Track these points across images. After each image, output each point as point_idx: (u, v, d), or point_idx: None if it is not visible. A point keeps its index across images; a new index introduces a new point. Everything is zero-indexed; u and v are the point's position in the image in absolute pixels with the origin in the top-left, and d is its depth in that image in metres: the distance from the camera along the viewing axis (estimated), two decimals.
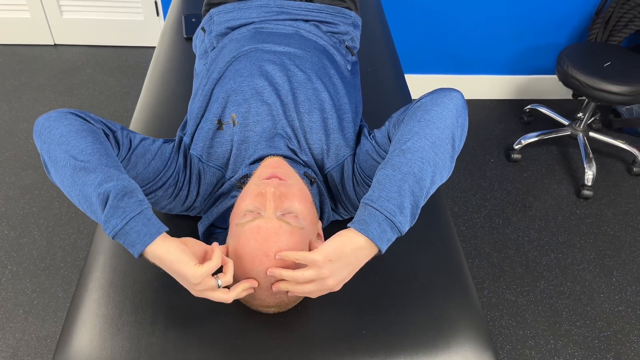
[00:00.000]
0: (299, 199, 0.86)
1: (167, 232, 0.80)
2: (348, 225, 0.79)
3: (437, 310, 0.92)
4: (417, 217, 0.81)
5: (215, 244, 0.81)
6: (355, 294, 0.93)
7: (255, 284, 0.81)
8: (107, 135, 0.89)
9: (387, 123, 0.98)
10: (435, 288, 0.96)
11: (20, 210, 1.97)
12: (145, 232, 0.76)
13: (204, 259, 0.81)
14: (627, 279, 1.91)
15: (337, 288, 0.79)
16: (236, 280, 0.82)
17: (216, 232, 1.01)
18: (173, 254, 0.76)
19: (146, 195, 0.94)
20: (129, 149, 0.91)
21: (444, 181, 0.86)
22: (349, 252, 0.77)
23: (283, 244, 0.79)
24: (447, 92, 0.89)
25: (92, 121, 0.88)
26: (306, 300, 0.92)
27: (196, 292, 0.78)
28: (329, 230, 1.03)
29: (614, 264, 1.96)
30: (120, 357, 0.84)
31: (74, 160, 0.79)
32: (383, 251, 0.79)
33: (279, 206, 0.83)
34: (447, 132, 0.85)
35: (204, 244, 0.83)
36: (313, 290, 0.79)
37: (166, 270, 0.78)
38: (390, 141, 0.94)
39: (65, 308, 1.68)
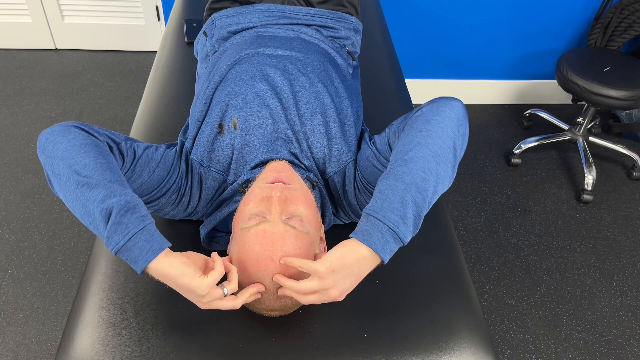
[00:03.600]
0: (304, 203, 0.86)
1: (170, 248, 0.79)
2: (350, 235, 0.79)
3: (438, 314, 0.93)
4: (419, 227, 0.81)
5: (214, 253, 0.81)
6: (356, 297, 0.93)
7: (262, 288, 0.80)
8: (111, 148, 0.88)
9: (387, 130, 0.98)
10: (436, 292, 0.96)
11: (20, 214, 1.97)
12: (148, 249, 0.75)
13: (206, 270, 0.80)
14: (628, 283, 1.91)
15: (340, 298, 0.79)
16: (241, 285, 0.82)
17: (218, 235, 1.01)
18: (177, 268, 0.75)
19: (150, 202, 0.94)
20: (133, 160, 0.91)
21: (445, 190, 0.86)
22: (352, 262, 0.77)
23: (289, 248, 0.80)
24: (448, 102, 0.89)
25: (95, 134, 0.87)
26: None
27: (203, 304, 0.78)
28: (330, 233, 1.03)
29: (614, 269, 1.96)
30: None
31: (77, 176, 0.79)
32: (386, 262, 0.79)
33: (285, 210, 0.83)
34: (448, 142, 0.85)
35: (204, 255, 0.82)
36: (316, 300, 0.79)
37: (170, 286, 0.77)
38: (390, 148, 0.94)
39: (66, 312, 1.68)
